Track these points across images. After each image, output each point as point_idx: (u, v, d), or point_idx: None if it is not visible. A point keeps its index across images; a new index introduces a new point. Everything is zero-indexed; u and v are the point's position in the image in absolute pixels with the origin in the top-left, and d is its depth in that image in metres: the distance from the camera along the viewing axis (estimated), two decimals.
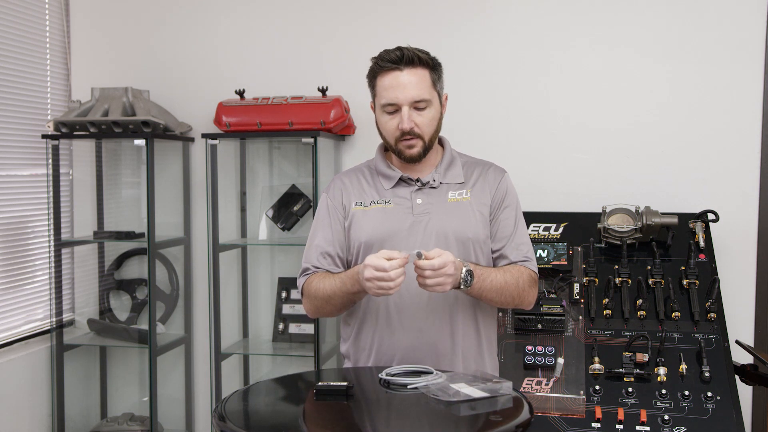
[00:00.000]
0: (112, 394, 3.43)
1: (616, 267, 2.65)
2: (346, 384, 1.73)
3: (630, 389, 2.40)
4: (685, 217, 2.72)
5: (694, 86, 2.86)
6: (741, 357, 2.54)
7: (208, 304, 3.08)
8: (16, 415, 3.00)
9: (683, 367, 2.41)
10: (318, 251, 2.08)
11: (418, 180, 2.07)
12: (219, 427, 1.58)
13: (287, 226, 3.19)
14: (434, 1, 3.05)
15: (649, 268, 2.63)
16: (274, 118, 2.94)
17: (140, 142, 3.22)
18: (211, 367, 3.07)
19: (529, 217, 2.66)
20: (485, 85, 3.03)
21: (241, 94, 3.03)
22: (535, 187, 2.90)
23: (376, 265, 1.78)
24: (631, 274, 2.62)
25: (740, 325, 2.79)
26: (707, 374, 2.38)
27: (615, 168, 2.92)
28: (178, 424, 3.36)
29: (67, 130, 3.04)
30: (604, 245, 2.72)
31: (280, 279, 3.25)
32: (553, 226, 2.77)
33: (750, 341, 2.82)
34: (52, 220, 3.11)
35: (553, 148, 2.98)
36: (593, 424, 2.32)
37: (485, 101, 3.02)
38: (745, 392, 2.67)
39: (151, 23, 3.33)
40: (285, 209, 3.19)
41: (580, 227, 2.76)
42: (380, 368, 1.89)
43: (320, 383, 1.76)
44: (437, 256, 1.80)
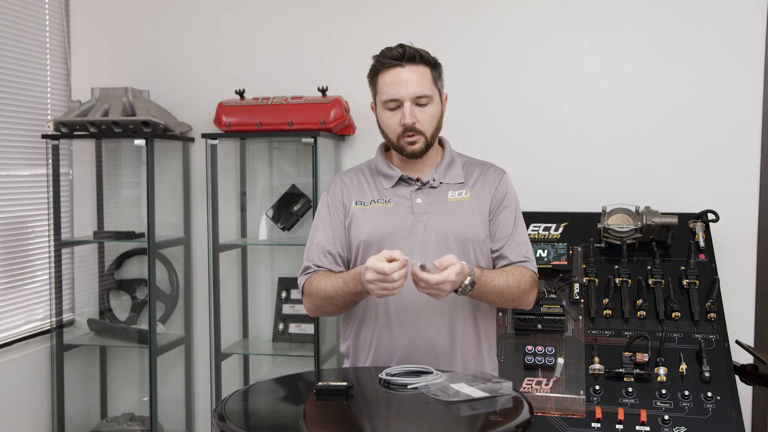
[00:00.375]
0: (112, 394, 3.43)
1: (616, 267, 2.65)
2: (346, 384, 1.73)
3: (630, 389, 2.40)
4: (685, 217, 2.72)
5: (694, 86, 2.86)
6: (741, 357, 2.54)
7: (208, 304, 3.08)
8: (16, 415, 3.00)
9: (683, 367, 2.40)
10: (319, 250, 2.09)
11: (418, 180, 2.07)
12: (219, 427, 1.58)
13: (287, 226, 3.19)
14: (434, 1, 3.06)
15: (649, 268, 2.63)
16: (274, 118, 2.94)
17: (140, 142, 3.22)
18: (211, 367, 3.07)
19: (529, 217, 2.66)
20: (485, 85, 3.02)
21: (241, 94, 3.03)
22: (535, 187, 2.90)
23: (377, 267, 1.78)
24: (631, 274, 2.62)
25: (740, 325, 2.79)
26: (707, 374, 2.38)
27: (615, 168, 2.92)
28: (178, 424, 3.36)
29: (67, 130, 3.04)
30: (604, 245, 2.72)
31: (280, 279, 3.25)
32: (553, 226, 2.77)
33: (750, 341, 2.82)
34: (52, 220, 3.11)
35: (553, 148, 2.98)
36: (593, 424, 2.31)
37: (485, 101, 3.02)
38: (745, 392, 2.67)
39: (151, 23, 3.33)
40: (285, 209, 3.19)
41: (580, 227, 2.76)
42: (380, 368, 1.89)
43: (320, 383, 1.76)
44: (444, 269, 1.78)
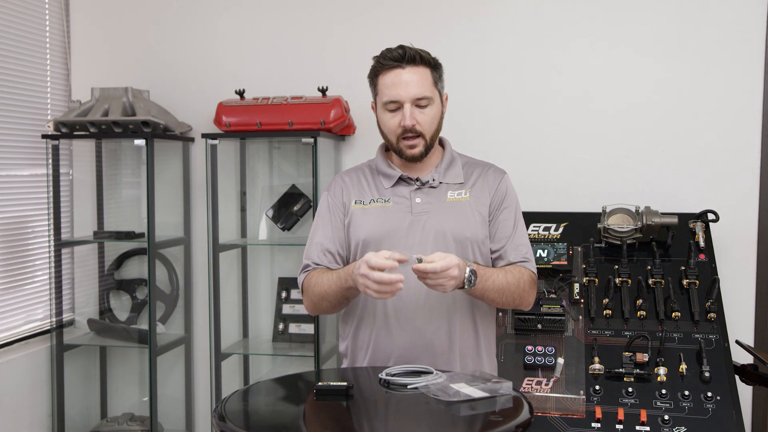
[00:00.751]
0: (112, 394, 3.43)
1: (616, 267, 2.65)
2: (346, 384, 1.73)
3: (630, 389, 2.40)
4: (685, 217, 2.71)
5: (695, 86, 2.86)
6: (741, 357, 2.53)
7: (208, 304, 3.08)
8: (16, 415, 3.00)
9: (683, 367, 2.40)
10: (319, 248, 2.09)
11: (417, 179, 2.07)
12: (219, 427, 1.58)
13: (287, 226, 3.19)
14: (434, 1, 3.05)
15: (649, 268, 2.63)
16: (274, 118, 2.94)
17: (140, 142, 3.22)
18: (211, 367, 3.07)
19: (529, 217, 2.66)
20: (485, 85, 3.02)
21: (241, 94, 3.03)
22: (535, 187, 2.90)
23: (371, 262, 1.77)
24: (631, 274, 2.62)
25: (740, 325, 2.79)
26: (707, 374, 2.38)
27: (615, 168, 2.92)
28: (178, 424, 3.36)
29: (67, 130, 3.04)
30: (604, 245, 2.72)
31: (280, 279, 3.25)
32: (553, 226, 2.77)
33: (750, 341, 2.82)
34: (52, 220, 3.11)
35: (553, 148, 2.97)
36: (593, 424, 2.31)
37: (485, 101, 3.02)
38: (745, 392, 2.67)
39: (151, 23, 3.33)
40: (285, 209, 3.19)
41: (580, 227, 2.76)
42: (380, 368, 1.89)
43: (320, 383, 1.76)
44: (440, 260, 1.79)
